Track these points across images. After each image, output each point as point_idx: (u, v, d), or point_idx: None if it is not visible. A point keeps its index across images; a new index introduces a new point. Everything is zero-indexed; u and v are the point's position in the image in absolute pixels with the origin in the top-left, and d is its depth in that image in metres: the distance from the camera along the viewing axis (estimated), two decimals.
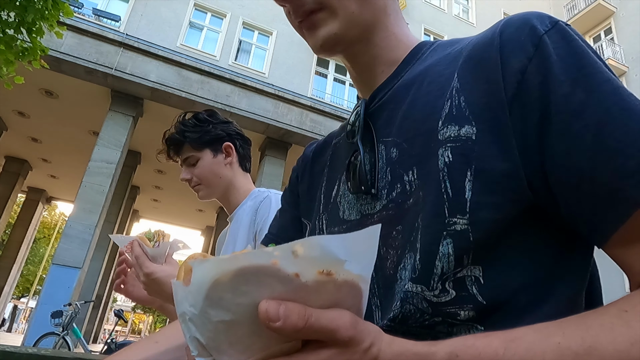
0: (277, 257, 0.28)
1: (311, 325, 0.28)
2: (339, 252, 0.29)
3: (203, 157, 1.34)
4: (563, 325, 0.35)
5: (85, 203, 7.17)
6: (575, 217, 0.40)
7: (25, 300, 31.38)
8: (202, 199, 1.40)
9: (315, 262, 0.28)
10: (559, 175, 0.39)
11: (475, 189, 0.41)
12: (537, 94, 0.40)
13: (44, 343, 6.14)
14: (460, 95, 0.45)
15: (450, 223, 0.41)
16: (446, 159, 0.44)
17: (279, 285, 0.28)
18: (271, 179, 8.66)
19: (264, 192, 1.35)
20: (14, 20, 4.37)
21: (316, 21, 0.52)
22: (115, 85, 7.89)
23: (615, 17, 14.55)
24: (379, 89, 0.56)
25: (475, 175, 0.41)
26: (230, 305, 0.28)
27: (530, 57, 0.41)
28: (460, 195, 0.42)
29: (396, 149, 0.50)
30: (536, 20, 0.42)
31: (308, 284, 0.28)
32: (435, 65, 0.51)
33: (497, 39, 0.44)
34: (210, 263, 0.28)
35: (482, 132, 0.42)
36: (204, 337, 0.30)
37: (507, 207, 0.41)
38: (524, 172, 0.40)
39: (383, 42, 0.56)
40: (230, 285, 0.28)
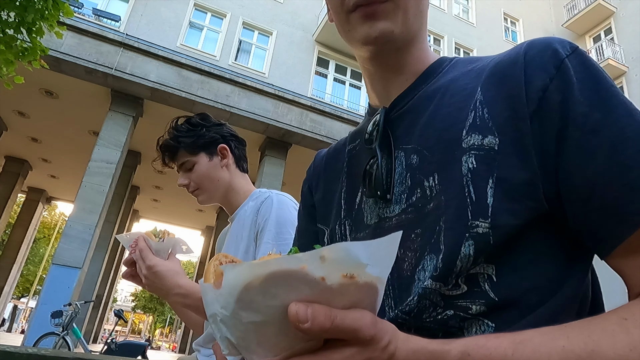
0: (306, 262, 0.30)
1: (337, 326, 0.30)
2: (362, 257, 0.31)
3: (199, 162, 1.33)
4: (567, 329, 0.37)
5: (85, 203, 7.17)
6: (582, 228, 0.43)
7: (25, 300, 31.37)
8: (203, 204, 1.39)
9: (340, 266, 0.30)
10: (571, 187, 0.43)
11: (497, 195, 0.44)
12: (557, 111, 0.44)
13: (44, 343, 6.14)
14: (484, 107, 0.48)
15: (473, 226, 0.44)
16: (470, 165, 0.47)
17: (306, 288, 0.30)
18: (271, 179, 8.65)
19: (265, 192, 1.34)
20: (14, 20, 4.37)
21: (380, 11, 0.52)
22: (115, 85, 7.89)
23: (615, 17, 14.55)
24: (400, 98, 0.58)
25: (496, 182, 0.45)
26: (261, 307, 0.30)
27: (552, 77, 0.44)
28: (482, 200, 0.45)
29: (417, 156, 0.53)
30: (558, 44, 0.46)
31: (333, 286, 0.30)
32: (457, 79, 0.54)
33: (521, 58, 0.47)
34: (243, 268, 0.30)
35: (504, 144, 0.46)
36: (235, 337, 0.32)
37: (525, 214, 0.44)
38: (541, 182, 0.44)
39: (416, 53, 0.59)
40: (261, 288, 0.30)
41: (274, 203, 1.26)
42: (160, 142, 1.35)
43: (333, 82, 11.22)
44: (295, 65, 10.50)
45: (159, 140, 1.36)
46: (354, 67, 11.51)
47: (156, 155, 1.39)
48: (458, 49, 12.80)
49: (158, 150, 1.36)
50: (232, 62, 9.84)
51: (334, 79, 11.27)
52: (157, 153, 1.37)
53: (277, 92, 9.00)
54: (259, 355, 0.32)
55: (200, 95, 8.24)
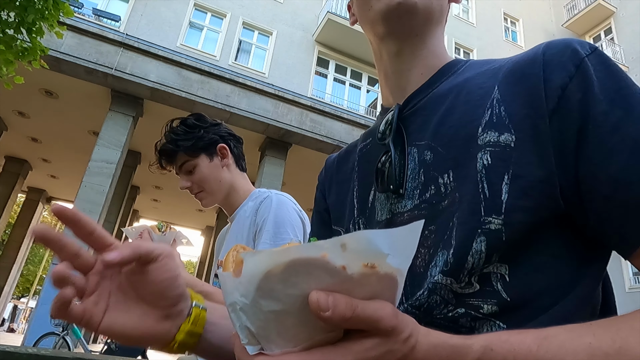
0: (327, 250, 0.29)
1: (357, 315, 0.29)
2: (383, 246, 0.30)
3: (200, 164, 1.32)
4: (593, 327, 0.37)
5: (85, 203, 7.17)
6: (604, 227, 0.43)
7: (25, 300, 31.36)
8: (207, 207, 1.37)
9: (361, 255, 0.30)
10: (592, 185, 0.42)
11: (511, 192, 0.44)
12: (576, 109, 0.43)
13: (44, 343, 6.14)
14: (500, 105, 0.49)
15: (486, 222, 0.44)
16: (485, 162, 0.47)
17: (327, 277, 0.29)
18: (271, 179, 8.65)
19: (265, 192, 1.34)
20: (14, 20, 4.37)
21: None
22: (115, 85, 7.89)
23: (615, 17, 14.55)
24: (414, 95, 0.59)
25: (512, 179, 0.45)
26: (281, 296, 0.30)
27: (571, 75, 0.45)
28: (496, 197, 0.45)
29: (431, 152, 0.53)
30: (578, 45, 0.47)
31: (354, 276, 0.30)
32: (473, 79, 0.55)
33: (540, 57, 0.47)
34: (263, 255, 0.30)
35: (520, 140, 0.46)
36: (255, 326, 0.32)
37: (540, 212, 0.43)
38: (558, 180, 0.43)
39: (432, 46, 0.60)
40: (281, 276, 0.29)
41: (273, 203, 1.27)
42: (159, 146, 1.33)
43: (333, 82, 11.22)
44: (295, 65, 10.49)
45: (156, 144, 1.34)
46: (354, 67, 11.51)
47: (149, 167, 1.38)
48: (458, 48, 12.79)
49: (156, 155, 1.34)
50: (232, 62, 9.84)
51: (334, 79, 11.26)
52: (155, 157, 1.35)
53: (277, 92, 9.00)
54: (279, 346, 0.32)
55: (200, 95, 8.24)
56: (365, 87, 11.61)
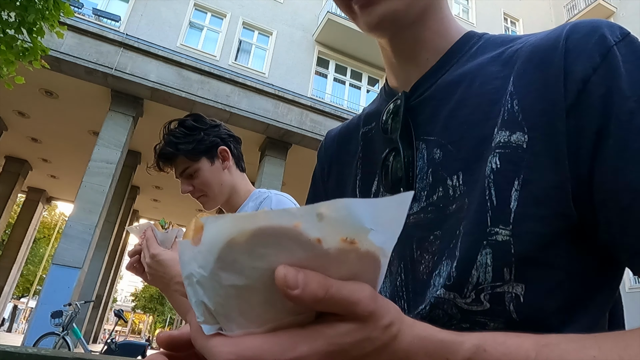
0: (300, 219, 0.25)
1: (331, 296, 0.25)
2: (366, 218, 0.26)
3: (201, 167, 1.29)
4: (599, 339, 0.33)
5: (85, 203, 7.17)
6: (616, 240, 0.38)
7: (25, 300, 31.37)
8: (209, 209, 1.36)
9: (340, 227, 0.26)
10: (608, 193, 0.37)
11: (521, 199, 0.40)
12: (598, 106, 0.38)
13: (44, 343, 6.14)
14: (513, 99, 0.43)
15: (492, 233, 0.40)
16: (493, 166, 0.42)
17: (299, 250, 0.25)
18: (271, 179, 8.65)
19: (265, 192, 1.34)
20: (14, 20, 4.37)
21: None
22: (115, 85, 7.89)
23: (615, 17, 14.55)
24: (421, 81, 0.52)
25: (522, 185, 0.40)
26: (245, 269, 0.26)
27: (595, 67, 0.39)
28: (504, 205, 0.40)
29: (440, 151, 0.48)
30: (607, 29, 0.40)
31: (330, 251, 0.26)
32: (488, 65, 0.48)
33: (562, 43, 0.41)
34: (226, 220, 0.25)
35: (533, 140, 0.41)
36: (212, 302, 0.27)
37: (553, 221, 0.39)
38: (571, 186, 0.39)
39: (435, 25, 0.52)
40: (246, 246, 0.25)
41: (273, 203, 1.27)
42: (158, 150, 1.30)
43: (333, 82, 11.22)
44: (295, 65, 10.49)
45: (155, 148, 1.31)
46: (354, 67, 11.51)
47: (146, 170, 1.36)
48: None
49: (155, 158, 1.31)
50: (232, 62, 9.84)
51: (334, 79, 11.26)
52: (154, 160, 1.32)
53: (277, 92, 9.00)
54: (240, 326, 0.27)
55: (200, 95, 8.24)
56: (365, 87, 11.61)
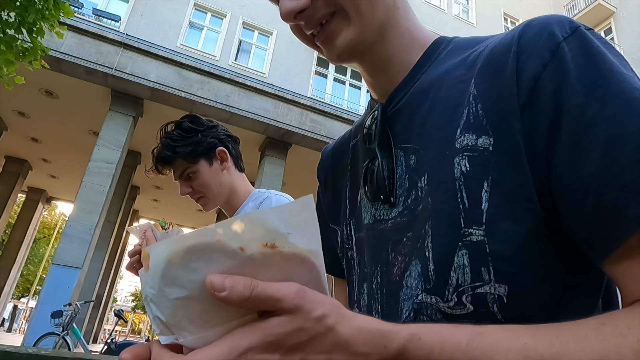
0: (221, 234, 0.29)
1: (257, 295, 0.29)
2: (278, 224, 0.30)
3: (200, 169, 1.29)
4: (535, 328, 0.34)
5: (85, 203, 7.17)
6: (575, 233, 0.39)
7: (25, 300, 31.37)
8: (208, 211, 1.36)
9: (258, 235, 0.30)
10: (563, 187, 0.38)
11: (492, 199, 0.41)
12: (550, 103, 0.39)
13: (44, 343, 6.14)
14: (477, 103, 0.44)
15: (466, 234, 0.41)
16: (463, 168, 0.43)
17: (226, 260, 0.29)
18: (271, 179, 8.65)
19: (264, 192, 1.34)
20: (14, 20, 4.37)
21: (331, 31, 0.50)
22: (115, 85, 7.89)
23: (615, 17, 14.55)
24: (395, 92, 0.54)
25: (492, 186, 0.41)
26: (184, 282, 0.30)
27: (545, 63, 0.40)
28: (476, 206, 0.41)
29: (414, 156, 0.50)
30: (556, 25, 0.41)
31: (254, 256, 0.30)
32: (454, 69, 0.50)
33: (515, 43, 0.42)
34: (163, 244, 0.30)
35: (498, 142, 0.42)
36: (164, 315, 0.31)
37: (524, 219, 0.40)
38: (534, 183, 0.39)
39: (397, 40, 0.53)
40: (181, 263, 0.29)
41: (273, 203, 1.27)
42: (156, 153, 1.29)
43: (333, 82, 11.22)
44: (295, 65, 10.49)
45: (153, 151, 1.31)
46: (354, 67, 11.46)
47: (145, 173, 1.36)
48: None
49: (153, 162, 1.31)
50: (232, 62, 9.84)
51: (334, 79, 11.26)
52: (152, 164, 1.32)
53: (277, 92, 9.00)
54: (192, 332, 0.31)
55: (200, 95, 8.24)
56: (366, 87, 11.60)
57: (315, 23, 0.50)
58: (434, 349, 0.33)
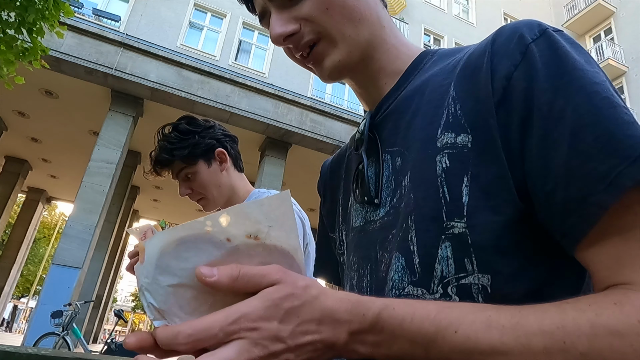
0: (210, 226, 0.33)
1: (245, 273, 0.33)
2: (260, 217, 0.34)
3: (198, 170, 1.28)
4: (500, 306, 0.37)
5: (85, 203, 7.17)
6: (547, 222, 0.41)
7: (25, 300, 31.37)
8: (208, 211, 1.35)
9: (242, 227, 0.33)
10: (535, 179, 0.40)
11: (472, 193, 0.43)
12: (521, 100, 0.42)
13: (44, 343, 6.14)
14: (456, 104, 0.47)
15: (449, 227, 0.43)
16: (444, 165, 0.46)
17: (214, 250, 0.33)
18: (271, 179, 8.65)
19: (264, 192, 1.34)
20: (14, 20, 4.37)
21: (318, 54, 0.54)
22: (115, 85, 7.89)
23: (615, 17, 14.55)
24: (383, 100, 0.58)
25: (471, 180, 0.44)
26: (176, 270, 0.33)
27: (516, 64, 0.42)
28: (457, 200, 0.44)
29: (400, 158, 0.52)
30: (525, 28, 0.44)
31: (239, 247, 0.33)
32: (436, 75, 0.53)
33: (489, 47, 0.45)
34: (157, 236, 0.33)
35: (476, 139, 0.44)
36: (157, 302, 0.34)
37: (504, 209, 0.42)
38: (511, 176, 0.42)
39: (383, 56, 0.57)
40: (174, 253, 0.33)
41: None
42: (154, 156, 1.28)
43: None
44: (295, 65, 10.25)
45: (151, 154, 1.30)
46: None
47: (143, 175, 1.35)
48: None
49: (151, 165, 1.30)
50: (232, 62, 9.84)
51: None
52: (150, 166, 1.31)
53: (277, 92, 9.00)
54: (181, 318, 0.34)
55: (200, 95, 8.24)
56: None
57: (303, 46, 0.54)
58: (405, 318, 0.36)
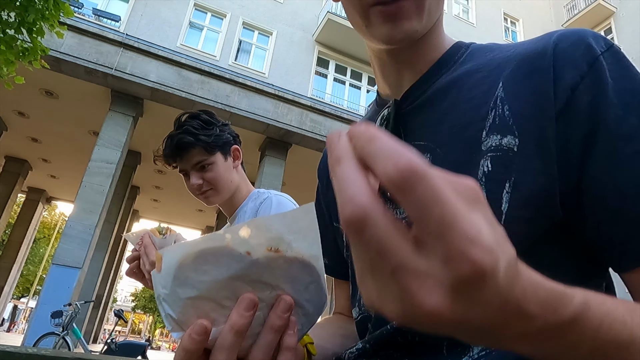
0: (230, 239, 0.32)
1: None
2: (282, 230, 0.33)
3: (216, 161, 1.29)
4: None
5: (85, 203, 7.17)
6: (602, 240, 0.39)
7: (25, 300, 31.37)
8: (211, 205, 1.35)
9: (263, 240, 0.33)
10: (597, 196, 0.39)
11: (512, 201, 0.41)
12: (586, 113, 0.40)
13: (44, 343, 6.14)
14: (504, 104, 0.45)
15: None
16: (485, 169, 0.43)
17: (234, 263, 0.32)
18: (271, 179, 8.65)
19: (264, 193, 1.34)
20: (14, 20, 4.37)
21: (403, 11, 0.46)
22: (115, 85, 7.89)
23: (615, 17, 14.55)
24: (412, 89, 0.54)
25: (513, 187, 0.41)
26: (195, 283, 0.33)
27: (583, 75, 0.40)
28: (496, 207, 0.41)
29: (430, 154, 0.49)
30: (592, 39, 0.42)
31: (259, 260, 0.33)
32: (476, 71, 0.50)
33: (550, 50, 0.43)
34: (176, 248, 0.33)
35: (524, 144, 0.42)
36: (176, 313, 0.34)
37: (540, 222, 0.40)
38: (559, 188, 0.40)
39: (434, 39, 0.54)
40: (193, 265, 0.32)
41: (273, 204, 1.26)
42: (175, 139, 1.26)
43: (333, 82, 11.21)
44: (295, 65, 10.49)
45: (170, 136, 1.28)
46: (354, 67, 11.51)
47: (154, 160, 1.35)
48: None
49: (168, 148, 1.28)
50: (232, 62, 9.84)
51: (334, 79, 11.26)
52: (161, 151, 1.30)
53: (277, 92, 9.00)
54: None
55: (200, 95, 8.24)
56: (365, 87, 11.61)
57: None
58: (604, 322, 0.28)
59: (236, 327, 0.33)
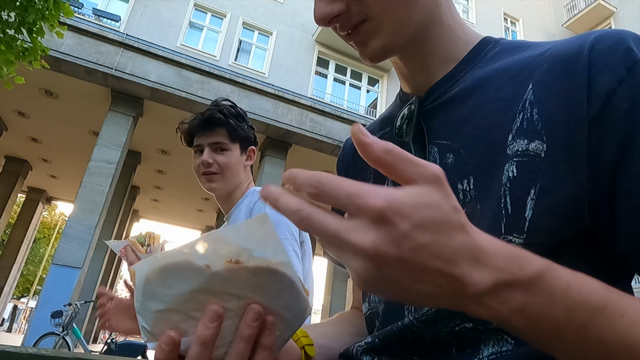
0: (187, 254, 0.33)
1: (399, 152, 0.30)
2: (239, 241, 0.33)
3: (233, 150, 1.34)
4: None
5: (85, 203, 7.17)
6: (634, 249, 0.38)
7: (25, 300, 31.36)
8: (211, 190, 1.36)
9: (220, 252, 0.33)
10: (633, 207, 0.37)
11: (537, 209, 0.39)
12: (623, 121, 0.38)
13: (44, 343, 6.14)
14: (533, 108, 0.43)
15: (505, 241, 0.39)
16: (510, 174, 0.42)
17: (196, 276, 0.33)
18: (271, 179, 8.65)
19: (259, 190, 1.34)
20: (14, 20, 4.37)
21: (363, 36, 0.48)
22: (115, 85, 7.89)
23: (615, 17, 14.54)
24: (435, 87, 0.52)
25: (539, 194, 0.40)
26: (162, 297, 0.34)
27: (621, 80, 0.38)
28: (519, 213, 0.40)
29: (453, 155, 0.48)
30: (633, 42, 0.40)
31: (220, 272, 0.33)
32: (504, 71, 0.48)
33: (585, 52, 0.40)
34: (142, 264, 0.34)
35: (552, 150, 0.40)
36: (148, 325, 0.35)
37: (564, 232, 0.39)
38: (588, 198, 0.39)
39: (438, 38, 0.52)
40: (158, 280, 0.34)
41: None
42: (207, 113, 1.33)
43: (333, 82, 11.21)
44: (295, 65, 10.49)
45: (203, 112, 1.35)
46: (354, 67, 11.50)
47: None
48: None
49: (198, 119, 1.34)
50: (232, 62, 9.84)
51: (334, 79, 11.26)
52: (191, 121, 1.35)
53: (277, 92, 9.00)
54: None
55: (200, 95, 8.23)
56: (365, 87, 11.61)
57: (349, 27, 0.48)
58: (572, 284, 0.30)
59: (202, 339, 0.34)
